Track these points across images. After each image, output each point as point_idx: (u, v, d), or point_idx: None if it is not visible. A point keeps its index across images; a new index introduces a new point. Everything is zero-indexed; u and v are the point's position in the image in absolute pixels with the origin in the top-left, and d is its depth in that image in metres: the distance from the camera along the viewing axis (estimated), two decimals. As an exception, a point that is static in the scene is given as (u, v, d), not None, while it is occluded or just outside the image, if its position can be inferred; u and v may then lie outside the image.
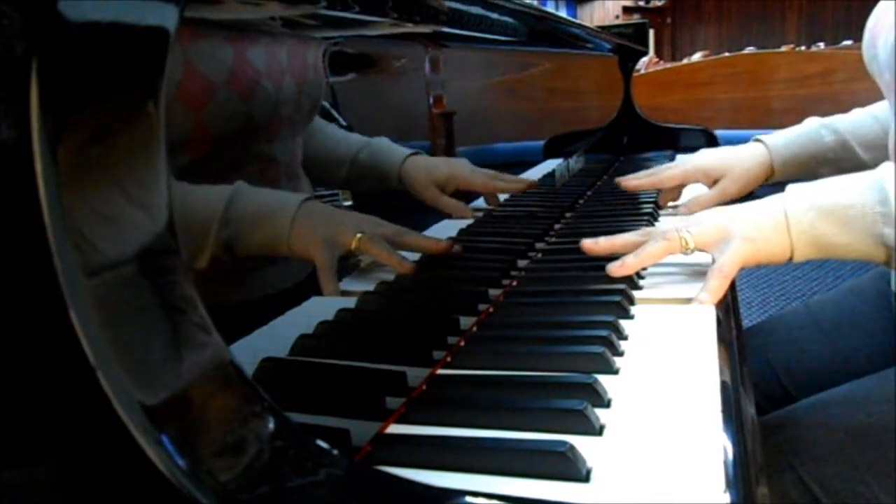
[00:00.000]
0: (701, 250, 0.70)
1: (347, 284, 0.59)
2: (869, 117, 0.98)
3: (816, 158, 0.98)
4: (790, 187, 0.69)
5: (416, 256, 0.67)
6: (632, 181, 1.03)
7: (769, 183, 1.00)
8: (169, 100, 0.30)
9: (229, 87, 0.46)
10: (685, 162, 1.02)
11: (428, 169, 0.75)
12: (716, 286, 0.65)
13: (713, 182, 0.99)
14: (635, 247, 0.71)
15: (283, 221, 0.52)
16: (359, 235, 0.59)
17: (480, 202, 0.89)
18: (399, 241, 0.65)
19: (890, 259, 0.63)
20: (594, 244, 0.74)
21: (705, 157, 1.01)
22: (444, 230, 0.77)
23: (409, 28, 0.72)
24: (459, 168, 0.83)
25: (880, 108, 0.98)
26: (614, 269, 0.69)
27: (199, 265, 0.43)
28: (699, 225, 0.70)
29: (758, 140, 1.01)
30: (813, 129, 1.00)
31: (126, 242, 0.29)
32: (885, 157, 0.92)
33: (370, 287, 0.61)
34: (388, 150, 0.71)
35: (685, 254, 0.70)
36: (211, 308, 0.32)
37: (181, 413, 0.29)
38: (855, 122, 0.99)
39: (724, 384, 0.48)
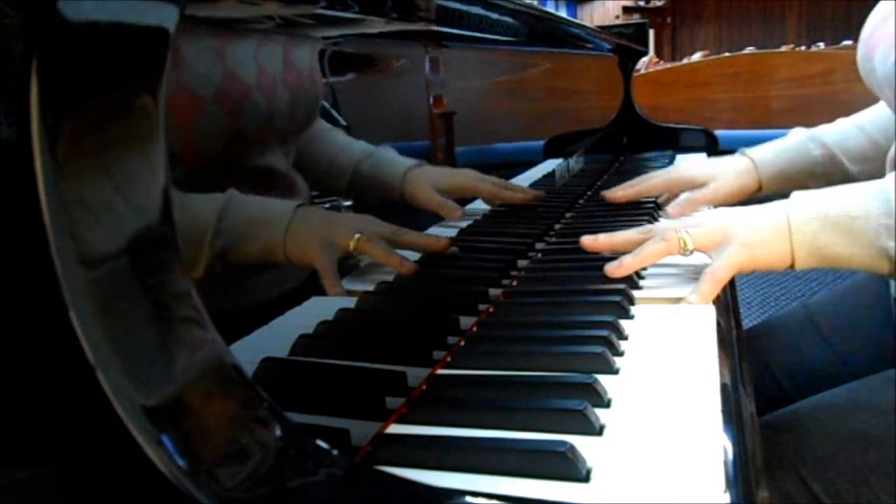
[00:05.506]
0: (700, 252, 0.69)
1: (348, 284, 0.59)
2: (854, 128, 0.96)
3: (805, 173, 0.95)
4: (795, 194, 0.68)
5: (415, 256, 0.67)
6: (617, 192, 1.03)
7: (757, 198, 0.99)
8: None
9: (219, 101, 0.45)
10: (669, 171, 1.01)
11: (430, 181, 0.74)
12: (706, 290, 0.65)
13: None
14: (635, 245, 0.70)
15: (278, 229, 0.51)
16: (357, 236, 0.58)
17: (477, 206, 0.89)
18: (398, 240, 0.64)
19: (893, 271, 0.62)
20: (594, 241, 0.73)
21: (690, 166, 1.00)
22: (444, 231, 0.77)
23: (410, 27, 0.72)
24: (464, 178, 0.82)
25: (866, 119, 0.96)
26: (612, 269, 0.68)
27: (193, 275, 0.41)
28: (699, 227, 0.69)
29: (743, 154, 0.99)
30: (800, 143, 0.97)
31: (126, 242, 0.29)
32: (873, 170, 0.89)
33: (370, 287, 0.61)
34: (391, 162, 0.69)
35: (684, 255, 0.69)
36: (211, 308, 0.32)
37: (181, 413, 0.29)
38: (842, 133, 0.96)
39: (723, 384, 0.48)
